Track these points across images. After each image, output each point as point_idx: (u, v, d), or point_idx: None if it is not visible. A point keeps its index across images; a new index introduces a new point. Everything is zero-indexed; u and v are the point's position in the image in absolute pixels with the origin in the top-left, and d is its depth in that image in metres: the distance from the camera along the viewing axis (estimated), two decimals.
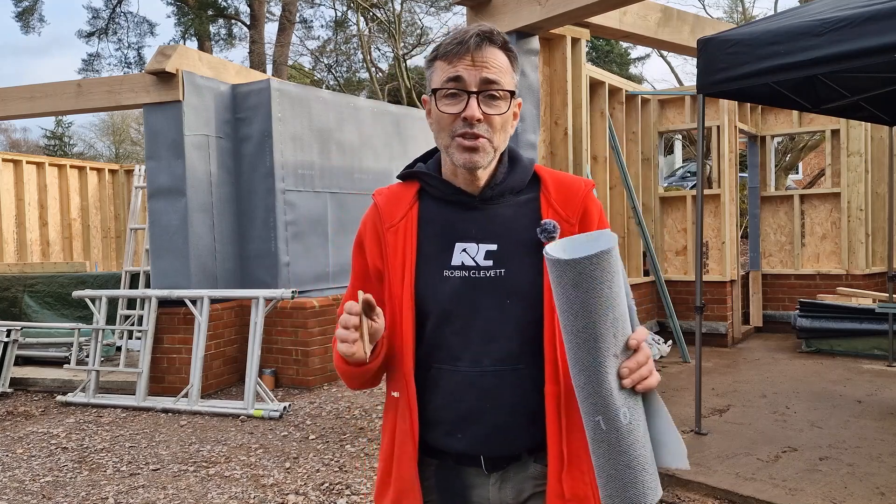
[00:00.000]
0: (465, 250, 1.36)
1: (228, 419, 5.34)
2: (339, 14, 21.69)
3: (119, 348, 7.22)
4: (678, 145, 16.88)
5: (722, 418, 4.80)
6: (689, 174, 14.73)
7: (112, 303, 6.97)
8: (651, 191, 7.79)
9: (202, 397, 5.70)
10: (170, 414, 5.56)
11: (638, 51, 27.67)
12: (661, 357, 6.97)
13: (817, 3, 4.14)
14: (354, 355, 1.23)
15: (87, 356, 6.43)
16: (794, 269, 8.10)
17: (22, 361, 7.13)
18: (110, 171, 11.34)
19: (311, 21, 29.16)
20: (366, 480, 3.94)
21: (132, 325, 7.10)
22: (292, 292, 5.57)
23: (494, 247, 1.35)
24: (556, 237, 1.32)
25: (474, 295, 1.34)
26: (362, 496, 3.72)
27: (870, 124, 7.52)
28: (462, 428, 1.35)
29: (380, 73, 21.17)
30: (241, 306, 6.46)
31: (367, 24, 19.91)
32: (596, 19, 4.91)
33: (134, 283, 7.61)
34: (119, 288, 7.50)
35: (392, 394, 1.40)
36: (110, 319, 7.04)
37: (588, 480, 1.32)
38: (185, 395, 5.63)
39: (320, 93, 7.37)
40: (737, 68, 3.97)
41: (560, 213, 1.37)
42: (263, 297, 5.62)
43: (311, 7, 22.87)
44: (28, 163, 10.02)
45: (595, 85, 6.52)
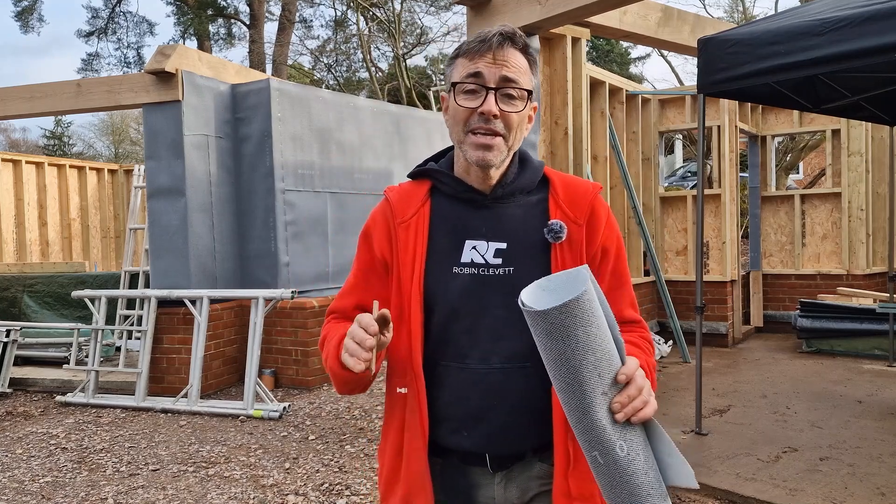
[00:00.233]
0: (475, 248, 1.37)
1: (228, 419, 5.33)
2: (339, 14, 21.71)
3: (118, 348, 7.22)
4: (679, 145, 16.87)
5: (722, 418, 4.80)
6: (689, 174, 14.73)
7: (111, 303, 6.97)
8: (651, 191, 7.79)
9: (202, 397, 5.70)
10: (169, 414, 5.56)
11: (638, 50, 27.68)
12: (662, 357, 6.96)
13: (817, 2, 4.13)
14: (361, 371, 1.21)
15: (87, 356, 6.43)
16: (794, 269, 8.09)
17: (21, 361, 7.12)
18: (110, 171, 11.33)
19: (311, 21, 29.16)
20: (365, 481, 3.94)
21: (132, 325, 7.10)
22: (292, 292, 5.56)
23: (504, 245, 1.36)
24: (562, 237, 1.34)
25: (483, 292, 1.35)
26: (362, 497, 3.72)
27: (870, 124, 7.51)
28: (469, 426, 1.35)
29: (380, 73, 21.16)
30: (241, 306, 6.45)
31: (366, 24, 19.91)
32: (596, 19, 4.91)
33: (133, 283, 7.61)
34: (118, 288, 7.49)
35: (398, 390, 1.38)
36: (110, 319, 7.04)
37: (593, 479, 1.33)
38: (185, 396, 5.63)
39: (320, 92, 7.36)
40: (737, 68, 3.97)
41: (568, 215, 1.38)
42: (263, 297, 5.62)
43: (311, 7, 22.93)
44: (27, 163, 10.01)
45: (595, 85, 6.51)
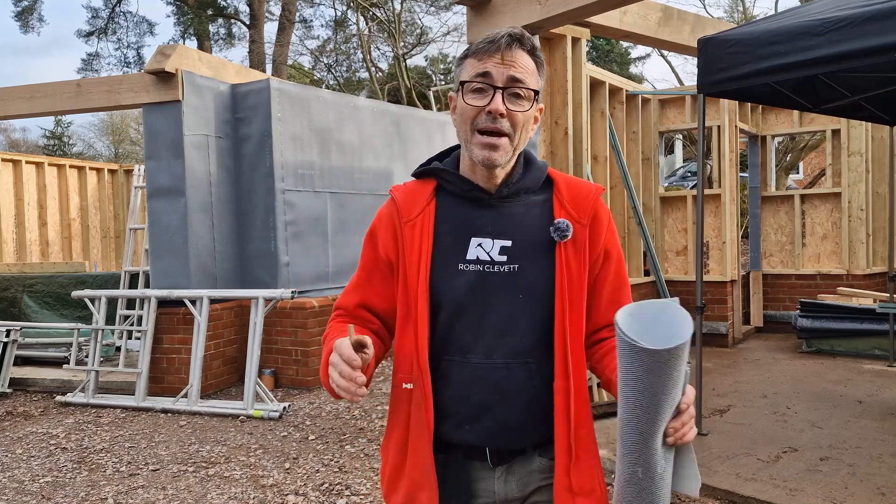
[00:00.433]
0: (480, 245, 1.39)
1: (228, 419, 5.33)
2: (339, 14, 21.71)
3: (118, 348, 7.22)
4: (679, 145, 16.88)
5: (722, 418, 4.80)
6: (689, 174, 14.73)
7: (111, 303, 6.96)
8: (651, 190, 7.78)
9: (202, 397, 5.70)
10: (169, 414, 5.56)
11: (638, 50, 27.68)
12: None
13: (817, 2, 4.13)
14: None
15: (87, 356, 6.42)
16: (794, 269, 8.09)
17: (21, 361, 7.12)
18: (110, 170, 11.33)
19: (311, 21, 29.19)
20: (365, 481, 3.93)
21: (132, 325, 7.10)
22: (292, 292, 5.56)
23: (509, 243, 1.39)
24: (568, 236, 1.38)
25: (488, 289, 1.37)
26: (362, 496, 3.71)
27: (870, 124, 7.51)
28: (471, 420, 1.38)
29: (380, 73, 21.16)
30: (241, 306, 6.45)
31: (366, 24, 19.90)
32: (596, 19, 4.90)
33: (133, 283, 7.61)
34: (118, 288, 7.49)
35: (404, 385, 1.41)
36: (110, 319, 7.03)
37: (594, 474, 1.37)
38: (185, 396, 5.63)
39: (320, 92, 7.36)
40: (737, 68, 3.97)
41: (572, 215, 1.41)
42: (263, 297, 5.61)
43: (311, 7, 22.92)
44: (27, 163, 10.01)
45: (595, 84, 6.51)
